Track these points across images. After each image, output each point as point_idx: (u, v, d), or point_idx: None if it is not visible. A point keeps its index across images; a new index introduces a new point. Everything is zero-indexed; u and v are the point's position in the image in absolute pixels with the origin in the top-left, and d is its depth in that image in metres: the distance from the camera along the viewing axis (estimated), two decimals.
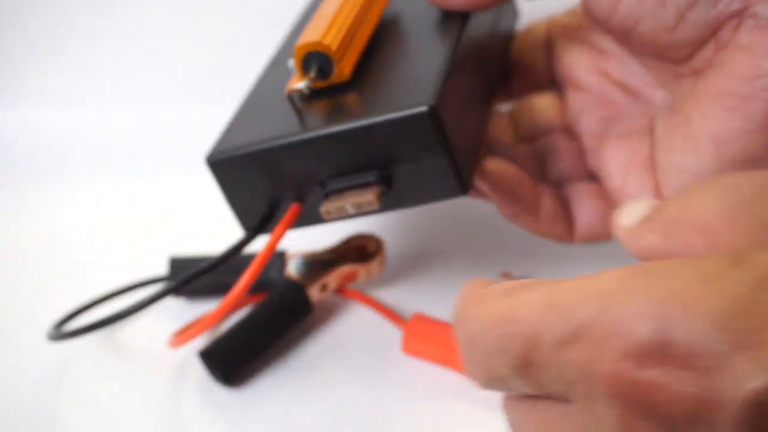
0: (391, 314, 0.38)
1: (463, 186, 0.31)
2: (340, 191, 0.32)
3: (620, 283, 0.19)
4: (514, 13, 0.41)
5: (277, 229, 0.33)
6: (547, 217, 0.36)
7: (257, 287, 0.39)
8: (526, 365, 0.20)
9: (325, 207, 0.31)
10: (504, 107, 0.41)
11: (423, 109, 0.29)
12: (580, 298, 0.19)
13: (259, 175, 0.33)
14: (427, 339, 0.36)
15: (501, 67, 0.39)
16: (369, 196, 0.31)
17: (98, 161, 0.57)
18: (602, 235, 0.36)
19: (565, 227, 0.36)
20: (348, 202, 0.31)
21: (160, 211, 0.51)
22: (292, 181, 0.33)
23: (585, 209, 0.36)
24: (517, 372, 0.20)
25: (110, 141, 0.59)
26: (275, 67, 0.38)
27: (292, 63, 0.33)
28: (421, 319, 0.37)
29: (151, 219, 0.51)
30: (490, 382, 0.22)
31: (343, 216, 0.31)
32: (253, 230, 0.34)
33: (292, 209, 0.33)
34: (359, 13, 0.35)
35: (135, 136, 0.60)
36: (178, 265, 0.40)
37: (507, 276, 0.40)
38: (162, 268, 0.44)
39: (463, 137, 0.31)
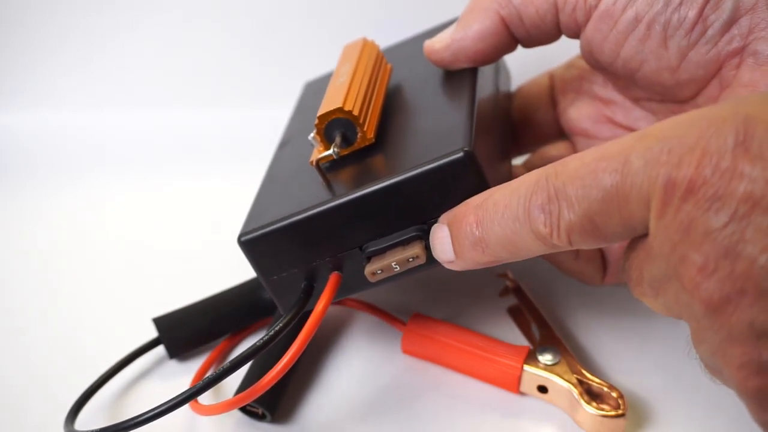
0: (390, 318, 0.38)
1: None
2: (382, 252, 0.30)
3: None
4: (507, 76, 0.42)
5: (321, 301, 0.31)
6: (586, 255, 0.35)
7: (258, 313, 0.39)
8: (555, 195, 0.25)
9: (370, 269, 0.30)
10: (516, 161, 0.41)
11: (460, 154, 0.28)
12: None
13: (295, 249, 0.31)
14: (425, 339, 0.36)
15: (509, 123, 0.39)
16: (415, 250, 0.30)
17: (109, 161, 0.58)
18: None
19: (598, 268, 0.36)
20: (393, 259, 0.30)
21: (165, 211, 0.52)
22: (329, 250, 0.31)
23: (615, 250, 0.36)
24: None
25: (120, 141, 0.60)
26: (285, 149, 0.38)
27: (312, 136, 0.32)
28: (419, 319, 0.37)
29: (157, 219, 0.51)
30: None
31: (390, 275, 0.30)
32: (296, 308, 0.32)
33: (332, 279, 0.31)
34: (371, 79, 0.35)
35: (141, 136, 0.60)
36: (163, 323, 0.38)
37: (504, 278, 0.40)
38: (170, 268, 0.44)
39: (497, 178, 0.31)
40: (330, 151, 0.32)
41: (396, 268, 0.30)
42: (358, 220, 0.30)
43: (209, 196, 0.52)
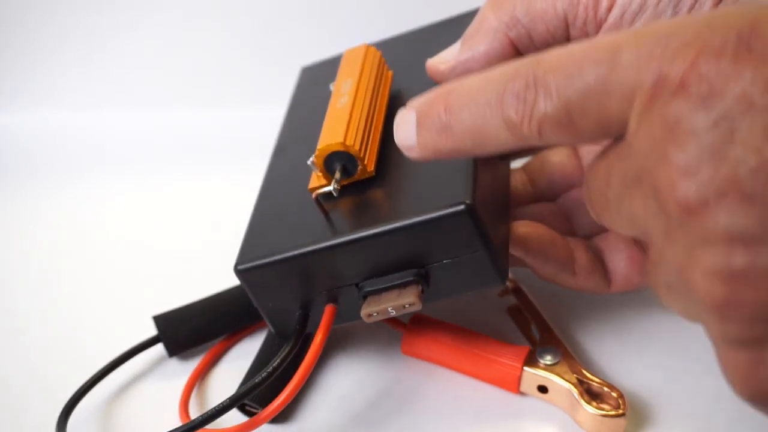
0: (390, 318, 0.38)
1: (501, 275, 0.30)
2: (378, 292, 0.31)
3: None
4: None
5: (318, 336, 0.32)
6: (584, 271, 0.35)
7: (256, 314, 0.39)
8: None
9: (366, 311, 0.31)
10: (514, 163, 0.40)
11: (460, 207, 0.28)
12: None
13: (292, 281, 0.32)
14: (425, 340, 0.36)
15: None
16: (411, 298, 0.30)
17: (109, 161, 0.58)
18: (639, 282, 0.35)
19: (601, 279, 0.35)
20: (389, 304, 0.30)
21: (165, 211, 0.52)
22: (325, 284, 0.32)
23: (618, 258, 0.35)
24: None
25: (120, 141, 0.60)
26: (282, 157, 0.38)
27: (312, 161, 0.32)
28: (419, 319, 0.37)
29: (156, 219, 0.51)
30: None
31: (385, 317, 0.31)
32: (293, 341, 0.33)
33: (327, 313, 0.32)
34: (371, 103, 0.35)
35: (141, 136, 0.60)
36: (163, 321, 0.38)
37: None
38: (170, 268, 0.44)
39: (496, 226, 0.31)
40: (330, 188, 0.32)
41: (392, 312, 0.31)
42: (356, 260, 0.30)
43: (209, 196, 0.52)
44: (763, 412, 0.22)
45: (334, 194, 0.31)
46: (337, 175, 0.32)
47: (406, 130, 0.28)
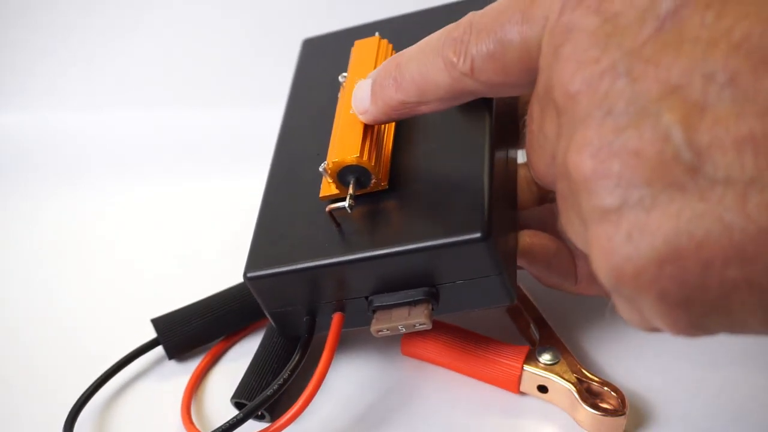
0: None
1: (510, 296, 0.31)
2: (388, 308, 0.31)
3: None
4: None
5: (327, 348, 0.32)
6: (586, 279, 0.35)
7: (256, 314, 0.39)
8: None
9: (376, 327, 0.31)
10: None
11: (477, 235, 0.28)
12: None
13: (302, 290, 0.32)
14: (424, 341, 0.36)
15: (515, 124, 0.37)
16: (420, 317, 0.30)
17: (109, 161, 0.58)
18: None
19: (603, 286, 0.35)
20: (400, 323, 0.31)
21: (165, 211, 0.52)
22: (335, 295, 0.32)
23: None
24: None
25: (120, 141, 0.60)
26: (288, 151, 0.37)
27: (324, 167, 0.31)
28: None
29: (156, 220, 0.51)
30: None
31: (394, 334, 0.31)
32: (304, 346, 0.33)
33: (336, 320, 0.32)
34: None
35: (141, 136, 0.60)
36: (162, 324, 0.38)
37: None
38: (170, 268, 0.44)
39: (506, 241, 0.31)
40: (345, 205, 0.31)
41: (402, 330, 0.31)
42: (368, 276, 0.31)
43: (209, 196, 0.52)
44: (623, 295, 0.22)
45: (349, 210, 0.31)
46: (351, 189, 0.31)
47: (361, 95, 0.31)
